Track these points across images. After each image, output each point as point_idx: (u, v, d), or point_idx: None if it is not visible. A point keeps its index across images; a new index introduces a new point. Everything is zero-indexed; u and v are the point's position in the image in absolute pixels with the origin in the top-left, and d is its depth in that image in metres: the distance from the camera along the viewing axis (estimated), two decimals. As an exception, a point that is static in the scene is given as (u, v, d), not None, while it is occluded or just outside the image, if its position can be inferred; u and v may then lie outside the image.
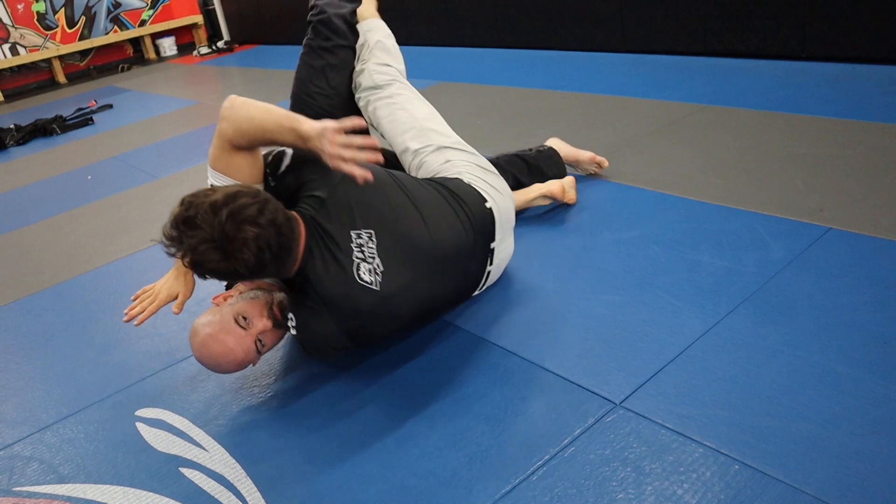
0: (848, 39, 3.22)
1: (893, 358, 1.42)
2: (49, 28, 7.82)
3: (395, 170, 1.86)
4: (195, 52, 8.06)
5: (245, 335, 1.59)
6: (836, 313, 1.58)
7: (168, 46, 8.59)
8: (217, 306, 1.66)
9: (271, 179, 1.69)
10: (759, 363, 1.48)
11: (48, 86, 8.00)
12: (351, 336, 1.61)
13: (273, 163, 1.70)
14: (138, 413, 1.74)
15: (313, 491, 1.40)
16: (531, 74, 4.21)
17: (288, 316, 1.62)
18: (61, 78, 8.02)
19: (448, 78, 4.46)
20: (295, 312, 1.61)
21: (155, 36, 8.56)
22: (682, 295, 1.75)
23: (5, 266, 2.89)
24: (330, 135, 1.52)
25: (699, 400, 1.41)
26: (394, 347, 1.79)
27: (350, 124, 1.54)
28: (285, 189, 1.67)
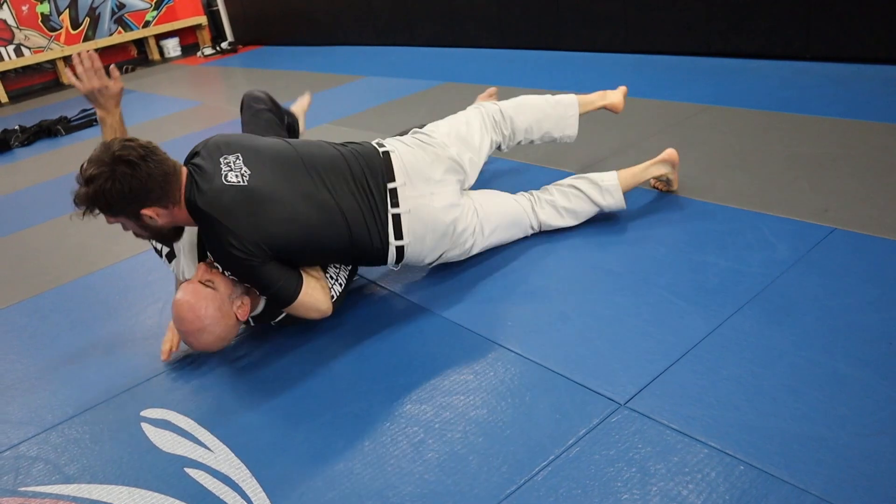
0: (852, 39, 3.22)
1: (899, 358, 1.42)
2: (53, 29, 7.86)
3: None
4: (199, 54, 8.08)
5: (196, 285, 1.76)
6: (842, 314, 1.58)
7: (172, 47, 8.62)
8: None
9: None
10: (765, 364, 1.48)
11: (52, 87, 8.04)
12: (257, 242, 1.68)
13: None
14: (143, 413, 1.75)
15: (319, 492, 1.40)
16: (534, 75, 4.21)
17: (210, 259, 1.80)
18: (65, 79, 8.05)
19: (451, 78, 4.46)
20: (208, 248, 1.78)
21: (159, 37, 8.59)
22: (687, 295, 1.75)
23: (11, 267, 2.90)
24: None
25: (704, 400, 1.41)
26: (395, 347, 1.80)
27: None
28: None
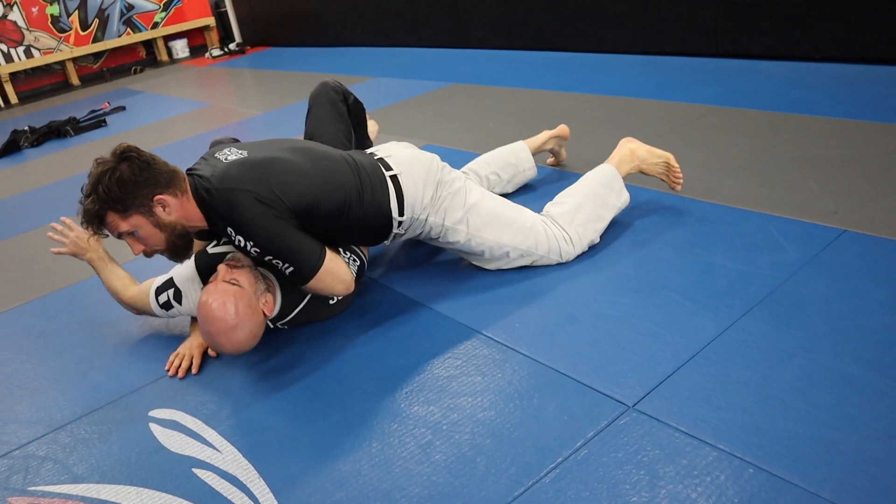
0: (861, 40, 3.20)
1: (909, 361, 1.41)
2: (63, 31, 7.90)
3: None
4: (207, 55, 8.11)
5: (221, 284, 1.73)
6: (851, 316, 1.57)
7: (180, 48, 8.66)
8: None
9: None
10: (774, 366, 1.47)
11: (62, 88, 8.08)
12: (277, 196, 1.71)
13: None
14: (151, 413, 1.75)
15: (326, 493, 1.40)
16: (542, 76, 4.20)
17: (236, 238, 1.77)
18: (75, 80, 8.10)
19: (459, 80, 4.46)
20: (231, 228, 1.75)
21: (167, 38, 8.63)
22: (696, 297, 1.75)
23: (20, 267, 2.92)
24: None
25: (713, 403, 1.41)
26: (403, 349, 1.80)
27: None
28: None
